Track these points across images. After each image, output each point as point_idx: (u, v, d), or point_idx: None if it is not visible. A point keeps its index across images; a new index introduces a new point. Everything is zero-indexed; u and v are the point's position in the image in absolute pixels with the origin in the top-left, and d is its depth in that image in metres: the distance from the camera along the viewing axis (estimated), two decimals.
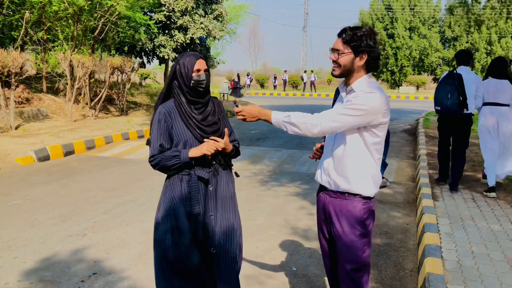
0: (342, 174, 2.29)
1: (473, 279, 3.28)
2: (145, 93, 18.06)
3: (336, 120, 2.17)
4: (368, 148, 2.26)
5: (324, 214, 2.43)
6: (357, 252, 2.30)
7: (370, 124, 2.20)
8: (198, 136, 2.43)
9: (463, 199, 5.37)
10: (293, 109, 18.55)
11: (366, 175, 2.28)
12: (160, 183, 6.79)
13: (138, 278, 3.53)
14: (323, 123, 2.17)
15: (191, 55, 2.44)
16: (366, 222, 2.30)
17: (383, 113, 2.20)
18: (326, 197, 2.39)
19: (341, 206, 2.32)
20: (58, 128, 10.35)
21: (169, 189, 2.51)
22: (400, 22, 41.05)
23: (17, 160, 7.53)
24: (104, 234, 4.45)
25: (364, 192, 2.28)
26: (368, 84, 2.25)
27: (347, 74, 2.29)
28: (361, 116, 2.16)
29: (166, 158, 2.42)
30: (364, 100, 2.16)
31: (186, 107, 2.44)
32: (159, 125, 2.44)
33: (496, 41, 38.39)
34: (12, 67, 9.23)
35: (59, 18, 13.32)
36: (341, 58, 2.24)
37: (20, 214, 5.02)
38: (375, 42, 2.22)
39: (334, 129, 2.20)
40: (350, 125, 2.18)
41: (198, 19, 20.31)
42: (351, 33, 2.21)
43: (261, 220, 4.93)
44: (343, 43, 2.23)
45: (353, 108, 2.16)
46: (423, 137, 10.19)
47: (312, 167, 7.70)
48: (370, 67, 2.27)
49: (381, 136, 2.27)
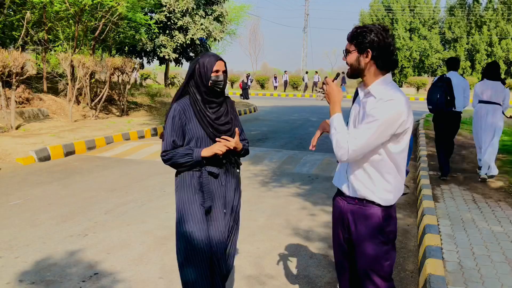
0: (361, 180, 2.19)
1: (474, 280, 3.28)
2: (146, 93, 18.06)
3: (361, 145, 2.05)
4: (390, 156, 2.15)
5: (341, 220, 2.32)
6: (378, 261, 2.19)
7: (396, 133, 2.09)
8: (211, 134, 2.52)
9: (463, 200, 5.37)
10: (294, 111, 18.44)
11: (387, 185, 2.17)
12: (161, 183, 6.83)
13: (139, 278, 3.53)
14: (350, 151, 2.06)
15: (212, 55, 2.53)
16: (386, 229, 2.19)
17: (405, 119, 2.08)
18: (344, 203, 2.29)
19: (359, 212, 2.21)
20: (59, 128, 10.35)
21: (181, 185, 2.59)
22: (400, 23, 41.09)
23: (17, 160, 7.54)
24: (105, 234, 4.45)
25: (383, 201, 2.18)
26: (385, 89, 2.12)
27: (358, 74, 2.20)
28: (386, 130, 2.05)
29: (178, 155, 2.49)
30: (383, 112, 2.04)
31: (201, 105, 2.51)
32: (173, 121, 2.50)
33: (496, 43, 38.39)
34: (13, 67, 9.23)
35: (60, 18, 13.33)
36: (348, 57, 2.19)
37: (21, 214, 5.03)
38: (382, 37, 2.10)
39: (363, 152, 2.08)
40: (378, 142, 2.07)
41: (199, 20, 20.32)
42: (354, 30, 2.17)
43: (261, 221, 4.93)
44: (349, 42, 2.18)
45: (376, 125, 2.03)
46: (424, 138, 10.20)
47: (313, 167, 7.71)
48: (380, 65, 2.14)
49: (405, 143, 2.15)
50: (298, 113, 18.12)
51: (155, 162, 7.93)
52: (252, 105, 20.09)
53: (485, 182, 6.33)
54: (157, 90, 19.92)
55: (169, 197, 5.75)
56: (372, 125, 2.04)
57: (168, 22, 20.19)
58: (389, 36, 2.13)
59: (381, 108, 2.05)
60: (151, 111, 15.16)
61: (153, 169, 7.39)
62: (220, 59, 2.51)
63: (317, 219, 5.04)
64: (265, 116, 17.01)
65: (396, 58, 2.20)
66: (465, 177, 6.58)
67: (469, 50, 39.88)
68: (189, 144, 2.53)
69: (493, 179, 6.41)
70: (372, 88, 2.15)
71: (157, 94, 18.37)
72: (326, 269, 3.75)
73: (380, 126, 2.04)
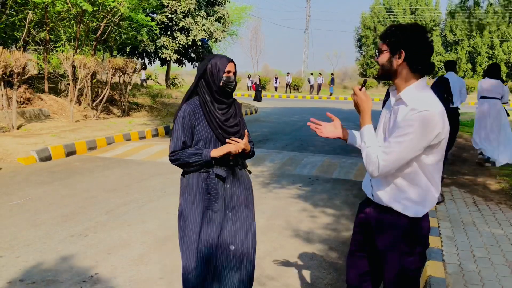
0: (387, 189, 2.06)
1: (474, 282, 3.28)
2: (147, 94, 18.08)
3: (392, 160, 1.93)
4: (422, 168, 2.00)
5: (365, 226, 2.21)
6: (402, 271, 2.07)
7: (429, 146, 1.94)
8: (220, 136, 2.54)
9: (464, 203, 5.37)
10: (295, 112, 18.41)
11: (415, 196, 2.03)
12: (161, 184, 6.82)
13: (139, 278, 3.53)
14: (380, 166, 1.94)
15: (223, 57, 2.58)
16: (411, 240, 2.05)
17: (441, 131, 1.93)
18: (370, 210, 2.17)
19: (383, 220, 2.10)
20: (60, 128, 10.36)
21: (187, 186, 2.59)
22: None
23: (19, 160, 7.55)
24: (106, 234, 4.46)
25: (410, 212, 2.04)
26: (418, 97, 1.95)
27: (390, 76, 2.05)
28: (419, 143, 1.90)
29: (187, 155, 2.50)
30: (416, 124, 1.89)
31: (211, 107, 2.53)
32: (183, 122, 2.52)
33: (498, 45, 38.40)
34: (15, 67, 9.25)
35: (62, 19, 13.37)
36: (380, 57, 2.03)
37: (22, 214, 5.03)
38: (419, 37, 1.96)
39: (394, 167, 1.95)
40: (410, 155, 1.93)
41: (200, 21, 20.35)
42: (388, 28, 2.03)
43: (262, 222, 4.93)
44: (382, 42, 2.03)
45: (408, 139, 1.90)
46: None
47: (314, 169, 7.71)
48: (415, 68, 1.98)
49: (440, 154, 2.00)
50: (299, 114, 18.13)
51: (156, 163, 7.94)
52: (253, 106, 20.10)
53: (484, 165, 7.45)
54: (158, 91, 19.94)
55: (170, 197, 5.75)
56: (404, 139, 1.90)
57: (169, 23, 20.23)
58: (426, 37, 1.97)
59: (413, 120, 1.89)
60: (152, 112, 15.18)
61: (154, 169, 7.40)
62: (231, 61, 2.57)
63: (318, 220, 5.04)
64: (266, 117, 17.02)
65: (433, 62, 2.04)
66: (466, 180, 6.58)
67: (471, 52, 39.88)
68: (197, 145, 2.55)
69: (494, 182, 6.42)
70: (403, 94, 1.99)
71: (158, 95, 18.39)
72: (326, 270, 3.75)
73: (412, 140, 1.89)
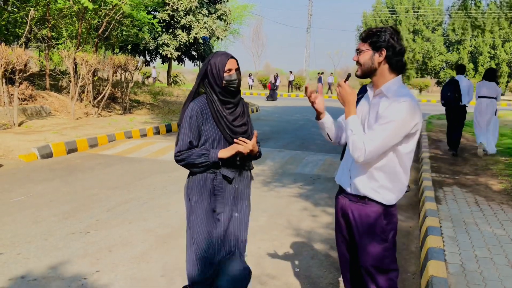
0: (363, 179, 2.23)
1: (476, 282, 3.27)
2: (148, 91, 18.07)
3: (377, 146, 2.09)
4: (398, 156, 2.19)
5: (343, 217, 2.38)
6: (378, 258, 2.24)
7: (408, 134, 2.13)
8: (227, 136, 2.47)
9: (466, 202, 5.36)
10: (296, 111, 18.41)
11: (390, 185, 2.22)
12: (163, 181, 6.82)
13: (140, 276, 3.53)
14: (366, 151, 2.08)
15: (222, 54, 2.48)
16: (386, 227, 2.24)
17: (418, 121, 2.14)
18: (346, 200, 2.34)
19: (360, 210, 2.26)
20: (61, 125, 10.36)
21: (193, 186, 2.55)
22: (404, 25, 40.99)
23: (20, 157, 7.55)
24: (107, 232, 4.45)
25: (385, 201, 2.23)
26: (399, 89, 2.17)
27: (370, 73, 2.23)
28: (401, 129, 2.09)
29: (194, 156, 2.45)
30: (400, 112, 2.08)
31: (218, 106, 2.46)
32: (191, 121, 2.45)
33: (500, 45, 38.30)
34: (16, 64, 9.25)
35: (64, 16, 13.35)
36: (361, 56, 2.22)
37: (23, 210, 5.03)
38: (396, 39, 2.17)
39: (379, 152, 2.11)
40: (394, 141, 2.11)
41: (202, 19, 20.32)
42: (368, 30, 2.22)
43: (263, 221, 4.92)
44: (363, 42, 2.23)
45: (393, 127, 2.07)
46: (426, 140, 10.18)
47: (315, 168, 7.70)
48: (393, 66, 2.19)
49: (413, 144, 2.19)
50: (300, 113, 18.11)
51: (157, 161, 7.94)
52: (254, 105, 20.08)
53: (481, 156, 8.41)
54: (159, 88, 19.93)
55: (171, 195, 5.75)
56: (388, 126, 2.08)
57: (171, 21, 20.21)
58: (400, 39, 2.20)
59: (396, 109, 2.09)
60: (154, 110, 15.17)
61: (155, 167, 7.39)
62: (231, 57, 2.47)
63: (319, 219, 5.03)
64: (267, 116, 17.00)
65: (405, 62, 2.25)
66: (467, 180, 6.57)
67: (472, 52, 39.80)
68: (204, 145, 2.48)
69: (496, 182, 6.40)
70: (385, 88, 2.19)
71: (159, 93, 18.38)
72: (327, 270, 3.74)
73: (396, 128, 2.08)
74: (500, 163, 7.81)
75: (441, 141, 10.25)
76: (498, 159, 8.12)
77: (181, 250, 3.70)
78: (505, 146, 9.50)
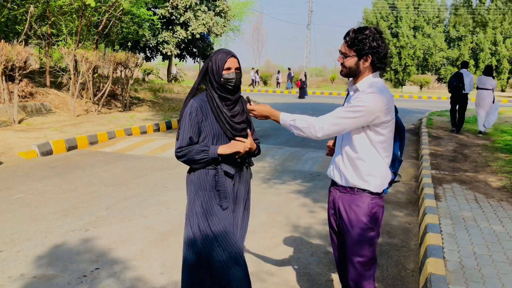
0: (351, 170, 2.35)
1: (475, 280, 3.28)
2: (148, 88, 18.06)
3: (336, 123, 2.23)
4: (374, 146, 2.31)
5: (333, 208, 2.48)
6: (364, 246, 2.35)
7: (373, 124, 2.24)
8: (227, 132, 2.51)
9: (465, 199, 5.36)
10: (296, 108, 18.40)
11: (373, 172, 2.32)
12: (163, 179, 6.82)
13: (140, 273, 3.53)
14: (325, 127, 2.24)
15: (224, 52, 2.49)
16: (374, 217, 2.34)
17: (384, 112, 2.22)
18: (336, 192, 2.44)
19: (350, 200, 2.36)
20: (61, 122, 10.37)
21: (195, 183, 2.55)
22: (405, 21, 40.89)
23: (20, 154, 7.55)
24: (107, 229, 4.46)
25: (372, 188, 2.33)
26: (370, 84, 2.28)
27: (353, 75, 2.34)
28: (361, 118, 2.21)
29: (194, 152, 2.47)
30: (362, 101, 2.20)
31: (218, 102, 2.49)
32: (190, 117, 2.47)
33: (501, 42, 38.18)
34: (16, 61, 9.24)
35: (64, 13, 13.33)
36: (346, 61, 2.30)
37: (23, 208, 5.04)
38: (380, 42, 2.24)
39: (336, 132, 2.27)
40: (351, 126, 2.24)
41: (200, 16, 20.28)
42: (353, 36, 2.25)
43: (263, 218, 4.93)
44: (347, 47, 2.29)
45: (352, 110, 2.21)
46: (426, 137, 10.17)
47: (315, 165, 7.70)
48: (376, 67, 2.30)
49: (385, 134, 2.29)
50: (300, 109, 18.09)
51: (157, 158, 7.94)
52: (255, 102, 20.05)
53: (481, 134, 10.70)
54: (159, 85, 19.92)
55: (170, 192, 5.75)
56: (349, 109, 2.22)
57: (171, 18, 20.17)
58: (384, 40, 2.28)
59: (361, 98, 2.22)
60: (154, 107, 15.17)
61: (155, 164, 7.40)
62: (232, 56, 2.47)
63: (319, 216, 5.04)
64: None
65: (390, 59, 2.33)
66: (467, 176, 6.57)
67: (473, 49, 39.69)
68: (204, 141, 2.50)
69: (495, 179, 6.40)
70: (359, 84, 2.32)
71: (159, 90, 18.37)
72: (327, 267, 3.75)
73: (355, 112, 2.20)
74: (499, 160, 7.80)
75: (441, 138, 10.24)
76: (498, 156, 8.12)
77: (180, 247, 3.70)
78: (505, 142, 9.49)
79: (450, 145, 9.36)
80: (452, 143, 9.56)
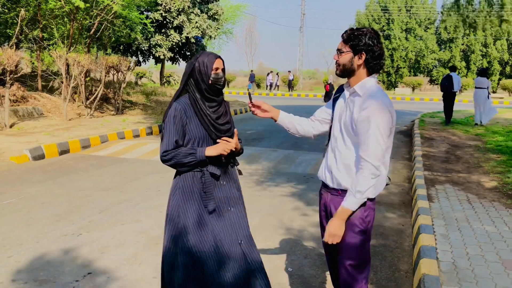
0: (344, 173, 2.31)
1: (468, 280, 3.29)
2: (141, 92, 17.99)
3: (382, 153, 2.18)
4: None
5: (325, 211, 2.46)
6: (355, 249, 2.33)
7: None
8: (212, 134, 2.51)
9: (458, 200, 5.39)
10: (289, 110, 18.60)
11: None
12: (156, 182, 6.78)
13: (133, 278, 3.51)
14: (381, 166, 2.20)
15: (210, 54, 2.53)
16: (365, 220, 2.32)
17: (392, 119, 2.23)
18: (328, 195, 2.41)
19: (341, 203, 2.31)
20: (53, 126, 10.30)
21: (180, 186, 2.53)
22: (397, 24, 41.16)
23: (11, 159, 7.49)
24: (99, 233, 4.43)
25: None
26: (371, 88, 2.25)
27: (348, 74, 2.31)
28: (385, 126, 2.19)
29: (181, 155, 2.45)
30: (376, 111, 2.16)
31: (201, 105, 2.50)
32: (175, 120, 2.47)
33: (491, 44, 38.54)
34: (7, 65, 9.18)
35: (55, 16, 13.27)
36: (341, 57, 2.29)
37: (15, 213, 4.99)
38: (376, 42, 2.23)
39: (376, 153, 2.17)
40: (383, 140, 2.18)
41: (194, 18, 20.27)
42: (350, 32, 2.26)
43: (256, 220, 4.92)
44: (343, 43, 2.28)
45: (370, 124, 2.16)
46: (419, 138, 10.22)
47: (308, 167, 7.71)
48: (371, 67, 2.27)
49: (390, 141, 2.28)
50: (294, 112, 18.02)
51: (150, 161, 7.91)
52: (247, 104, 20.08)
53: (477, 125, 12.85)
54: (152, 89, 19.86)
55: (164, 196, 5.73)
56: (372, 129, 2.16)
57: (164, 21, 20.14)
58: (380, 41, 2.27)
59: (372, 109, 2.17)
60: (146, 110, 15.12)
61: (148, 168, 7.37)
62: (218, 57, 2.53)
63: (312, 219, 5.04)
64: None
65: (384, 62, 2.34)
66: (459, 177, 6.60)
67: (465, 50, 40.03)
68: (188, 144, 2.50)
69: (487, 179, 6.45)
70: (358, 87, 2.27)
71: (152, 93, 18.32)
72: (320, 269, 3.75)
73: (378, 126, 2.16)
74: (491, 160, 7.86)
75: (434, 139, 10.30)
76: (489, 157, 8.18)
77: None
78: (497, 143, 9.57)
79: (442, 146, 9.41)
80: (445, 144, 9.62)
